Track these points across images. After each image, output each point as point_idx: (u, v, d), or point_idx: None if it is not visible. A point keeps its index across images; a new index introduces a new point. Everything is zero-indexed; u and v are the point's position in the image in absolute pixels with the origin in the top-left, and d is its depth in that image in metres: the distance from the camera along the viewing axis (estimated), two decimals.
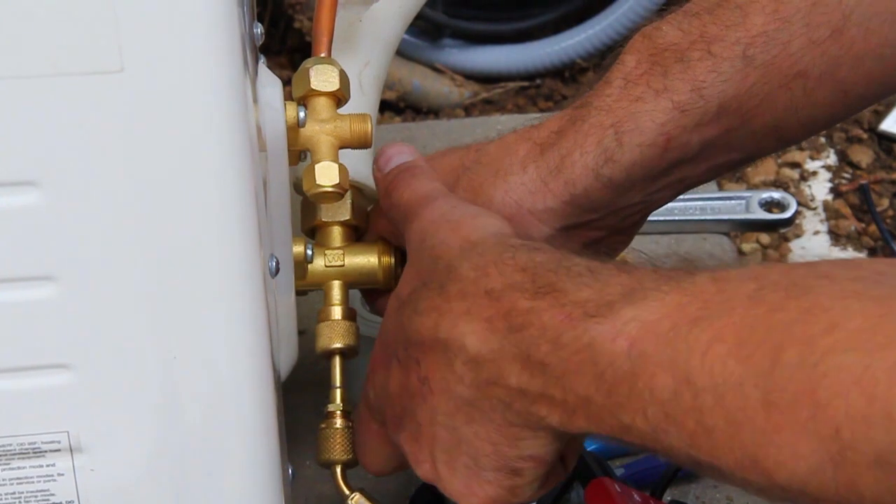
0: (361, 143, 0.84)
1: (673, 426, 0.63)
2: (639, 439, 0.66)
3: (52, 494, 0.75)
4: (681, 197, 1.11)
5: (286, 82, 0.80)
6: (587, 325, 0.67)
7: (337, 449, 0.85)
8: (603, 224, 0.86)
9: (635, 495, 0.83)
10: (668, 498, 0.92)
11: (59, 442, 0.73)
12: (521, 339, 0.69)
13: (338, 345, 0.86)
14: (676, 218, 1.11)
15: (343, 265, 0.88)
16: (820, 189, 1.29)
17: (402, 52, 1.46)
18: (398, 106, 1.48)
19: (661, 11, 0.86)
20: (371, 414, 0.81)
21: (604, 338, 0.66)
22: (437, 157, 0.89)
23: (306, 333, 0.88)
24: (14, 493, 0.74)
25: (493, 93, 1.48)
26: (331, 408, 0.86)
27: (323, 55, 0.85)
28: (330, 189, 0.81)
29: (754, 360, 0.61)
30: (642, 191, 0.84)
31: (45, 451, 0.73)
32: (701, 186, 1.13)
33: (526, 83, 1.49)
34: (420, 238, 0.78)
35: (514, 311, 0.69)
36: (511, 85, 1.48)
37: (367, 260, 0.89)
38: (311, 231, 0.90)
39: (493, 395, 0.70)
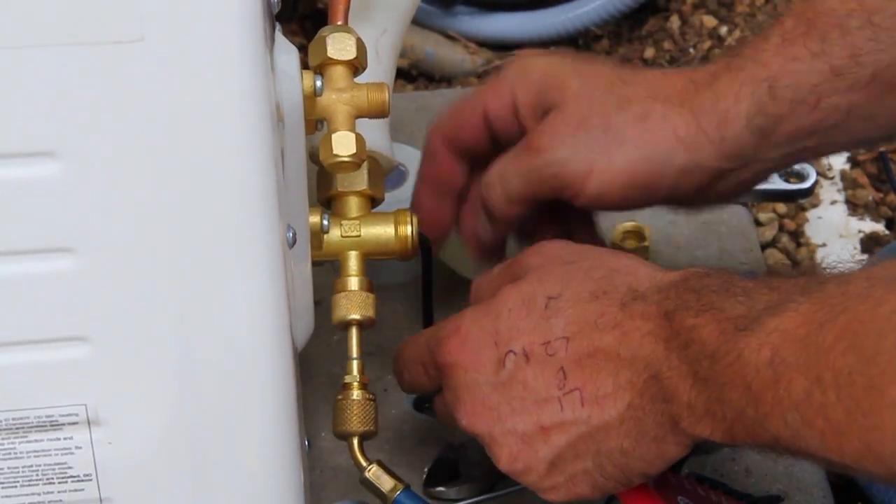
0: (378, 113, 0.83)
1: (807, 429, 0.68)
2: (785, 447, 0.70)
3: (70, 467, 0.74)
4: None
5: (298, 49, 0.79)
6: (737, 339, 0.71)
7: (354, 420, 0.85)
8: (730, 179, 0.89)
9: None
10: (687, 471, 0.91)
11: (76, 415, 0.73)
12: (688, 355, 0.73)
13: (355, 316, 0.86)
14: None
15: (359, 235, 0.88)
16: (837, 158, 1.28)
17: (415, 20, 1.44)
18: (411, 73, 1.48)
19: None
20: (427, 371, 0.82)
21: (751, 349, 0.70)
22: (580, 60, 0.92)
23: (321, 304, 0.88)
24: (32, 465, 0.74)
25: (507, 60, 1.47)
26: (347, 379, 0.86)
27: (339, 23, 0.84)
28: (347, 159, 0.81)
29: (863, 351, 0.65)
30: (782, 148, 0.87)
31: (63, 424, 0.73)
32: None
33: (539, 51, 1.48)
34: (580, 256, 0.81)
35: (683, 330, 0.74)
36: (525, 52, 1.47)
37: (384, 230, 0.88)
38: (328, 201, 0.89)
39: (665, 412, 0.74)
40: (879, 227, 1.22)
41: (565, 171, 0.87)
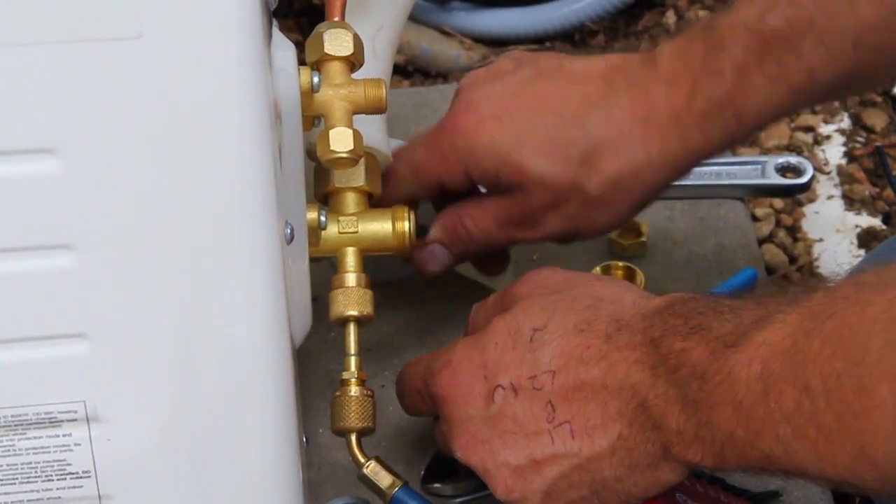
0: (376, 109, 0.83)
1: (800, 440, 0.68)
2: (778, 466, 0.70)
3: (69, 464, 0.74)
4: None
5: (295, 46, 0.79)
6: (727, 356, 0.71)
7: (352, 417, 0.85)
8: None
9: None
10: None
11: (75, 412, 0.73)
12: (678, 379, 0.73)
13: (352, 312, 0.86)
14: (692, 183, 1.11)
15: (357, 232, 0.88)
16: (834, 153, 1.28)
17: (410, 15, 1.44)
18: (406, 69, 1.47)
19: None
20: (424, 400, 0.83)
21: (740, 364, 0.70)
22: (524, 125, 0.89)
23: (319, 300, 0.88)
24: (30, 462, 0.74)
25: (502, 56, 1.47)
26: (345, 375, 0.86)
27: (336, 19, 0.84)
28: (344, 155, 0.81)
29: (849, 354, 0.65)
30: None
31: (62, 421, 0.73)
32: None
33: (535, 46, 1.48)
34: (566, 286, 0.81)
35: (671, 354, 0.73)
36: (520, 48, 1.47)
37: (381, 226, 0.88)
38: (325, 197, 0.89)
39: (656, 439, 0.74)
40: (876, 222, 1.22)
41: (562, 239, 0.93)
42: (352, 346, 0.86)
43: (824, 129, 1.30)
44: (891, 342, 0.64)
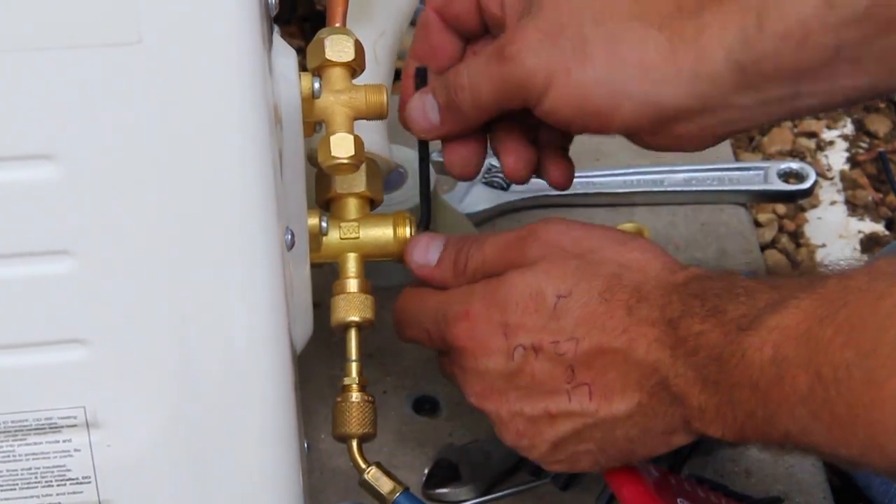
0: (377, 114, 0.83)
1: (815, 423, 0.68)
2: (796, 444, 0.70)
3: (69, 470, 0.74)
4: (699, 167, 1.11)
5: (296, 51, 0.79)
6: (741, 339, 0.71)
7: (353, 423, 0.85)
8: (693, 121, 0.83)
9: (653, 470, 0.83)
10: (687, 472, 0.91)
11: (75, 417, 0.73)
12: (697, 361, 0.73)
13: (354, 318, 0.86)
14: (694, 188, 1.11)
15: (358, 237, 0.87)
16: (837, 159, 1.28)
17: (414, 21, 1.44)
18: None
19: None
20: (432, 339, 0.83)
21: (754, 347, 0.70)
22: None
23: (321, 306, 0.88)
24: (30, 468, 0.74)
25: None
26: (346, 381, 0.86)
27: (338, 25, 0.84)
28: (345, 161, 0.81)
29: (860, 345, 0.65)
30: (755, 93, 0.81)
31: (62, 427, 0.73)
32: (718, 157, 1.13)
33: None
34: (587, 246, 0.80)
35: (690, 336, 0.74)
36: None
37: (383, 232, 0.88)
38: (326, 203, 0.89)
39: (676, 413, 0.75)
40: (879, 228, 1.22)
41: (529, 81, 0.82)
42: (353, 351, 0.86)
43: (827, 135, 1.30)
44: None
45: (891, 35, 0.79)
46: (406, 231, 0.88)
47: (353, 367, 0.86)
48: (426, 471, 0.93)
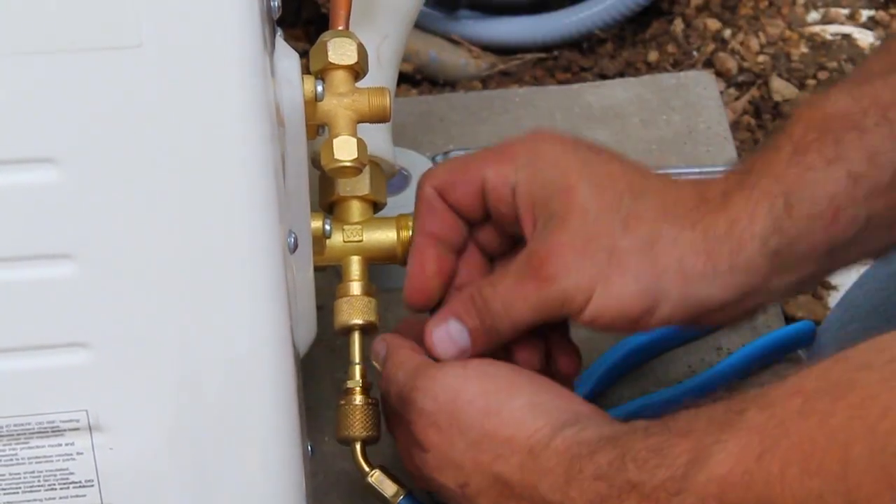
0: (380, 117, 0.83)
1: None
2: None
3: (72, 473, 0.74)
4: (703, 169, 1.11)
5: (301, 55, 0.80)
6: None
7: (356, 425, 0.85)
8: (730, 310, 0.83)
9: None
10: None
11: (77, 421, 0.73)
12: None
13: (357, 321, 0.86)
14: None
15: (361, 240, 0.87)
16: None
17: (418, 24, 1.44)
18: (415, 78, 1.48)
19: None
20: None
21: None
22: (593, 158, 0.84)
23: (324, 309, 0.88)
24: (33, 472, 0.74)
25: (511, 65, 1.47)
26: (350, 384, 0.86)
27: (341, 28, 0.84)
28: (348, 164, 0.81)
29: (826, 469, 0.62)
30: (791, 274, 0.81)
31: (64, 430, 0.73)
32: (722, 160, 1.13)
33: (544, 55, 1.48)
34: (461, 426, 0.79)
35: None
36: (528, 57, 1.47)
37: (386, 235, 0.88)
38: (330, 206, 0.89)
39: None
40: (886, 336, 1.21)
41: (570, 299, 0.82)
42: (356, 354, 0.86)
43: None
44: (875, 449, 0.60)
45: None
46: (409, 234, 0.88)
47: (357, 369, 0.86)
48: None
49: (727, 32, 1.46)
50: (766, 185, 0.79)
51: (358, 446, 0.85)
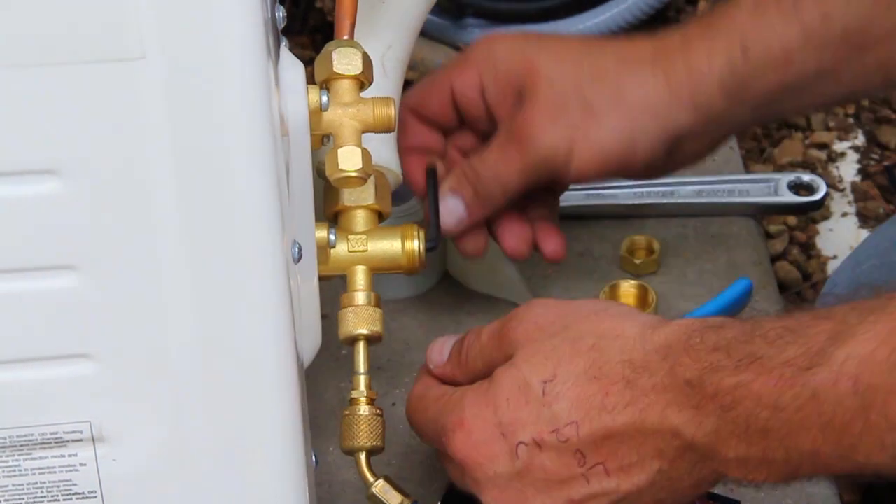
0: (384, 127, 0.83)
1: None
2: (876, 471, 0.69)
3: (75, 484, 0.74)
4: (709, 178, 1.11)
5: (307, 63, 0.79)
6: (805, 380, 0.69)
7: (361, 436, 0.85)
8: (702, 138, 0.92)
9: None
10: None
11: (81, 432, 0.72)
12: (737, 416, 0.71)
13: (362, 331, 0.86)
14: (704, 200, 1.10)
15: (366, 250, 0.87)
16: (848, 170, 1.27)
17: (424, 32, 1.43)
18: None
19: None
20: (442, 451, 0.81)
21: (825, 385, 0.68)
22: (545, 38, 0.94)
23: (328, 318, 0.88)
24: (36, 483, 0.74)
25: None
26: (354, 394, 0.86)
27: (346, 38, 0.84)
28: (353, 174, 0.81)
29: None
30: (751, 109, 0.91)
31: (68, 441, 0.73)
32: (728, 169, 1.13)
33: None
34: (563, 323, 0.78)
35: (721, 392, 0.72)
36: None
37: (391, 245, 0.88)
38: (334, 216, 0.89)
39: (707, 468, 0.74)
40: None
41: (553, 155, 0.90)
42: (361, 364, 0.86)
43: (838, 146, 1.29)
44: None
45: (864, 55, 0.88)
46: (414, 244, 0.88)
47: (362, 380, 0.86)
48: (441, 498, 0.92)
49: None
50: (725, 34, 0.89)
51: (362, 456, 0.85)
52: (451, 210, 0.93)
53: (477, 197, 0.92)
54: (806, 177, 1.11)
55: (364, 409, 0.85)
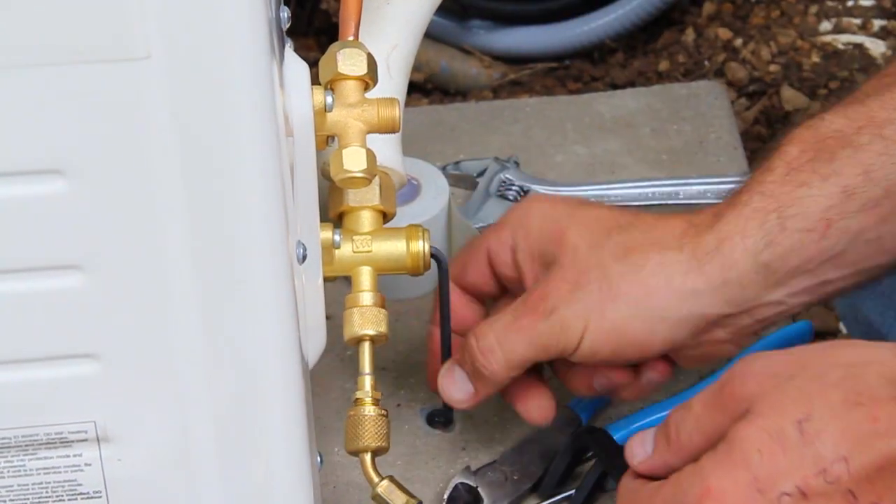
0: (389, 128, 0.83)
1: None
2: None
3: (80, 484, 0.74)
4: (714, 179, 1.11)
5: (312, 64, 0.80)
6: None
7: (366, 436, 0.85)
8: (730, 325, 0.85)
9: None
10: None
11: (86, 432, 0.73)
12: None
13: (367, 332, 0.86)
14: (708, 201, 1.10)
15: (371, 251, 0.87)
16: None
17: (429, 33, 1.44)
18: (426, 87, 1.48)
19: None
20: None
21: None
22: (580, 207, 0.88)
23: (333, 319, 0.88)
24: (41, 483, 0.74)
25: (522, 74, 1.47)
26: (359, 395, 0.86)
27: (350, 39, 0.84)
28: (358, 175, 0.81)
29: None
30: (787, 288, 0.83)
31: (73, 441, 0.73)
32: (732, 169, 1.13)
33: (554, 64, 1.48)
34: (798, 365, 0.73)
35: None
36: (539, 66, 1.48)
37: (396, 245, 0.88)
38: (339, 217, 0.89)
39: None
40: None
41: (566, 330, 0.84)
42: (366, 365, 0.86)
43: None
44: None
45: None
46: (419, 244, 0.88)
47: (367, 380, 0.86)
48: (445, 497, 0.92)
49: (738, 42, 1.46)
50: (758, 203, 0.83)
51: (367, 457, 0.85)
52: (458, 383, 0.89)
53: (475, 372, 0.87)
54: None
55: (369, 409, 0.85)
